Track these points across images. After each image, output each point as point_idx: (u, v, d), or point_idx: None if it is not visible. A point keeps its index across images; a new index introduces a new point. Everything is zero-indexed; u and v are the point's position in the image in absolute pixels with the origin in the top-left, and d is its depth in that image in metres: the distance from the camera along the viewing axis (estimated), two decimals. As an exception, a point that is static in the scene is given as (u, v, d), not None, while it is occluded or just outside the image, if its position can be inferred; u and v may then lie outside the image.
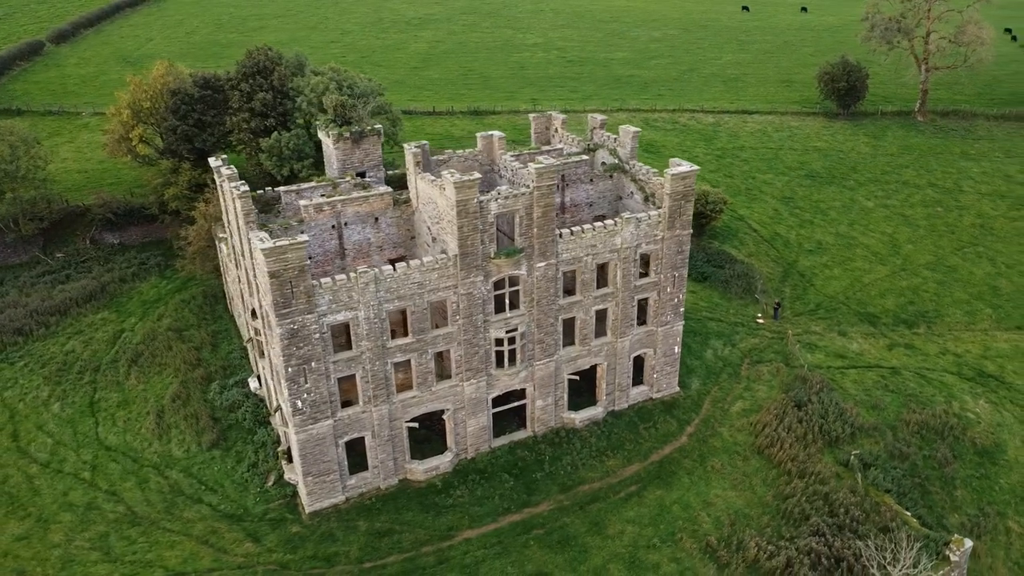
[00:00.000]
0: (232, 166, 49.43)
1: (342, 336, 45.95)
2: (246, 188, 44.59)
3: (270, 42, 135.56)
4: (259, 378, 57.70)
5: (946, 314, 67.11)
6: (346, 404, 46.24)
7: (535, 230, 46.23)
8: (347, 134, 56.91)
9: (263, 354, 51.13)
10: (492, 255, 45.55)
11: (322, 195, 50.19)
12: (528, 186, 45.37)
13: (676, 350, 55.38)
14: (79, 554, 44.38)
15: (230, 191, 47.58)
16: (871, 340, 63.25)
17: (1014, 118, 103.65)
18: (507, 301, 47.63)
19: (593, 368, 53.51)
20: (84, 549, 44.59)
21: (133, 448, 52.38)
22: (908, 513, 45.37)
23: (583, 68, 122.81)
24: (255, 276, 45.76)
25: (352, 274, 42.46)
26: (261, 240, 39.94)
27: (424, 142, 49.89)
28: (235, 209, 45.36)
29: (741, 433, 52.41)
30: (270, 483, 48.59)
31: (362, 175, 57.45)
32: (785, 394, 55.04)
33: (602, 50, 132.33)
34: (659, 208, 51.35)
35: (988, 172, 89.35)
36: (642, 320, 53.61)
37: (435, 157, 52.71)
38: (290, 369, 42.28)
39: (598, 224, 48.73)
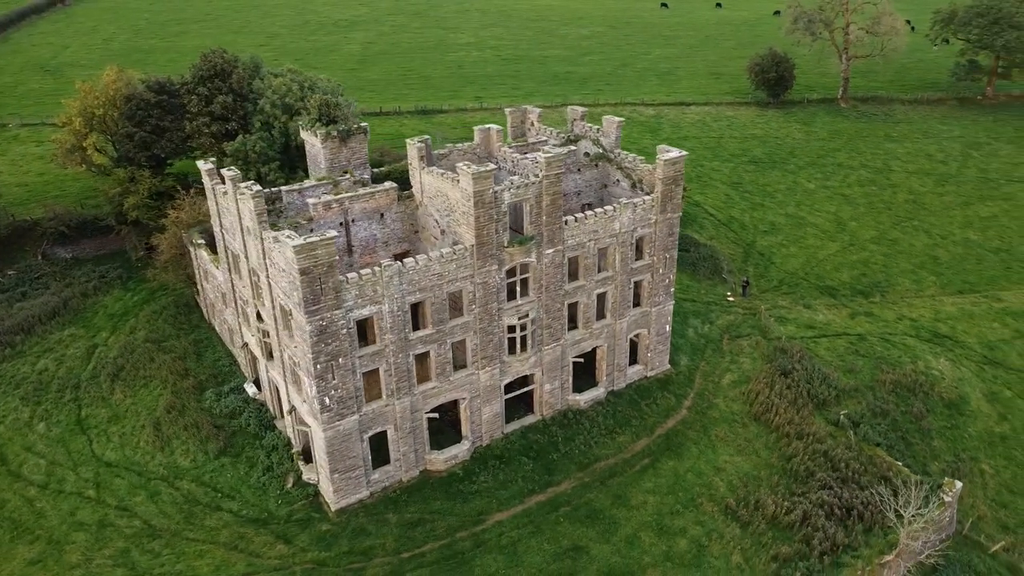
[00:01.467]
0: (234, 168, 48.88)
1: (363, 331, 46.19)
2: (258, 188, 44.29)
3: (196, 47, 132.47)
4: (256, 383, 57.02)
5: (896, 283, 72.32)
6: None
7: (544, 218, 47.68)
8: (334, 133, 56.93)
9: (271, 356, 50.67)
10: (506, 244, 46.76)
11: (323, 193, 50.15)
12: (537, 175, 46.77)
13: (667, 329, 57.92)
14: (102, 572, 43.08)
15: (233, 192, 47.09)
16: (834, 311, 67.59)
17: (926, 102, 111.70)
18: (518, 289, 48.94)
19: (593, 351, 55.37)
20: (107, 567, 43.30)
21: (136, 462, 50.96)
22: (899, 463, 49.16)
23: (520, 66, 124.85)
24: (268, 276, 45.43)
25: (377, 268, 42.87)
26: (290, 238, 39.88)
27: (427, 137, 50.51)
28: (247, 210, 44.87)
29: (736, 403, 55.35)
30: (289, 485, 48.26)
31: (347, 174, 57.55)
32: (769, 364, 58.37)
33: (536, 48, 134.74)
34: (648, 193, 53.65)
35: (912, 152, 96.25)
36: (636, 302, 55.85)
37: (437, 151, 53.34)
38: (319, 366, 42.31)
39: (599, 210, 50.57)
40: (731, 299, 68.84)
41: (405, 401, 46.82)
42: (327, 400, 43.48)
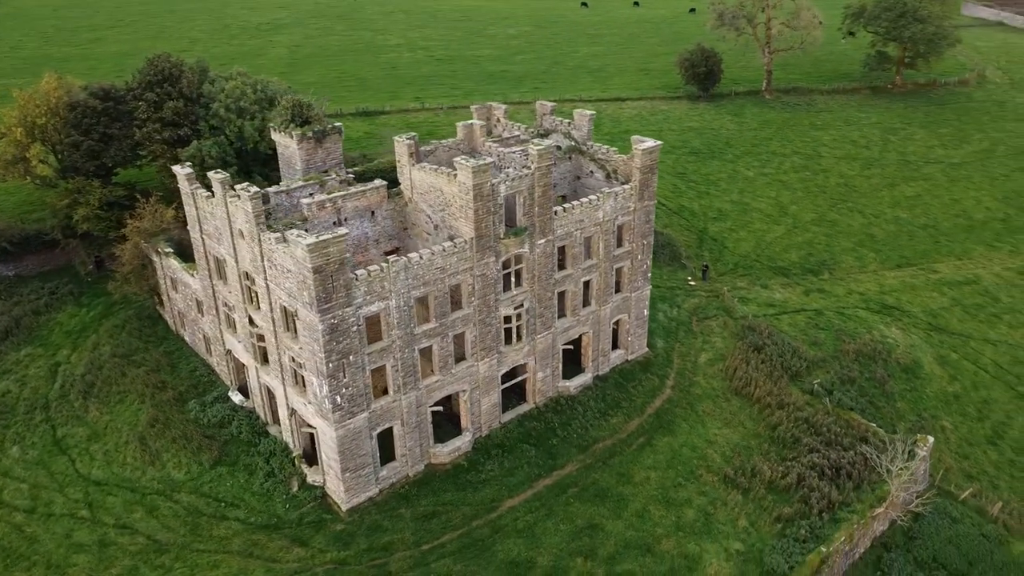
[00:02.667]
0: (221, 171, 48.00)
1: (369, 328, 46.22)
2: (256, 190, 43.79)
3: (113, 53, 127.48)
4: (241, 391, 55.96)
5: (840, 261, 76.90)
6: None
7: (536, 209, 48.89)
8: (310, 133, 56.61)
9: (265, 361, 49.98)
10: (502, 236, 47.71)
11: (310, 193, 49.85)
12: (529, 167, 47.93)
13: (645, 313, 60.07)
14: (112, 591, 41.75)
15: (223, 195, 46.33)
16: (789, 289, 71.41)
17: (842, 92, 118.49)
18: (513, 280, 49.97)
19: (579, 338, 56.88)
20: (117, 585, 41.98)
21: (126, 479, 49.40)
22: (874, 425, 52.72)
23: (454, 66, 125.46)
24: (266, 279, 44.92)
25: (384, 264, 43.11)
26: (300, 236, 39.70)
27: (414, 134, 50.85)
28: (243, 213, 44.23)
29: (715, 379, 57.97)
30: (295, 488, 47.79)
31: (324, 174, 57.26)
32: (741, 341, 61.32)
33: (466, 48, 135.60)
34: (623, 183, 55.60)
35: (837, 139, 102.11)
36: (618, 288, 57.72)
37: (423, 148, 53.68)
38: (330, 365, 42.23)
39: (584, 200, 52.15)
40: (692, 283, 71.72)
41: (411, 396, 47.17)
42: (338, 399, 43.41)
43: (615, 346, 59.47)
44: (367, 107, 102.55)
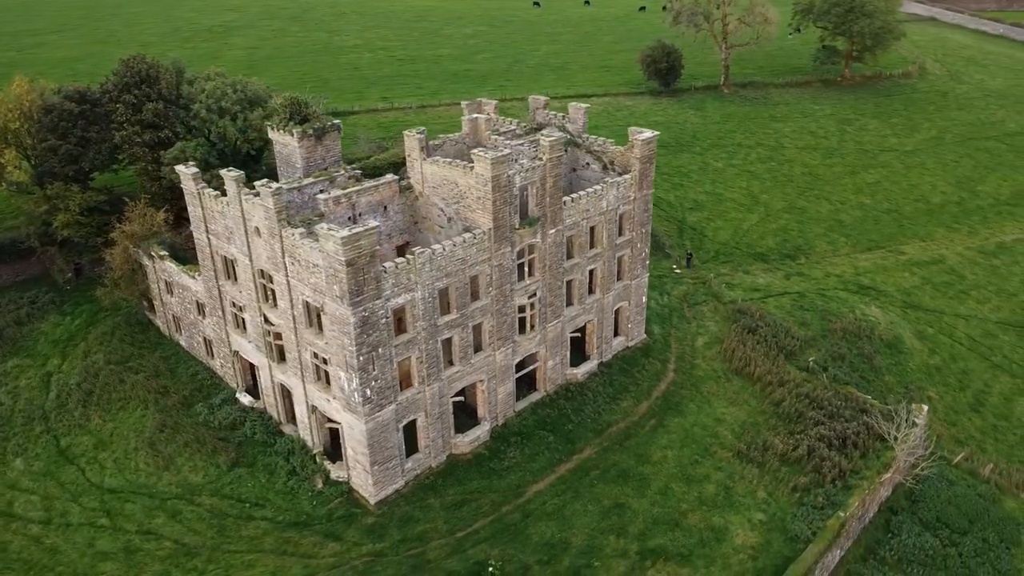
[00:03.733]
0: (233, 168, 47.55)
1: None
2: (277, 186, 43.62)
3: (61, 58, 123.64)
4: (249, 391, 55.38)
5: (814, 246, 80.00)
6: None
7: (548, 199, 49.87)
8: (310, 131, 56.49)
9: (282, 359, 49.70)
10: (517, 226, 48.54)
11: (321, 190, 49.78)
12: (541, 158, 48.89)
13: (643, 300, 61.64)
14: (147, 597, 41.11)
15: (238, 194, 46.00)
16: (770, 274, 74.01)
17: (795, 85, 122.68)
18: (526, 269, 50.85)
19: (584, 325, 58.03)
20: (151, 590, 41.34)
21: (142, 485, 48.59)
22: (869, 397, 55.32)
23: (416, 66, 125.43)
24: (287, 275, 44.75)
25: (410, 256, 43.49)
26: (333, 230, 39.79)
27: (423, 128, 51.21)
28: (263, 210, 43.99)
29: (715, 361, 59.88)
30: (319, 485, 47.68)
31: (332, 171, 57.19)
32: (734, 324, 63.41)
33: (426, 48, 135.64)
34: (620, 174, 57.03)
35: (796, 131, 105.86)
36: (619, 276, 59.10)
37: (432, 142, 53.99)
38: (361, 358, 42.40)
39: (590, 190, 53.37)
40: (678, 271, 73.70)
41: (434, 387, 47.60)
42: (368, 392, 43.59)
43: (616, 333, 60.85)
44: (336, 107, 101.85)
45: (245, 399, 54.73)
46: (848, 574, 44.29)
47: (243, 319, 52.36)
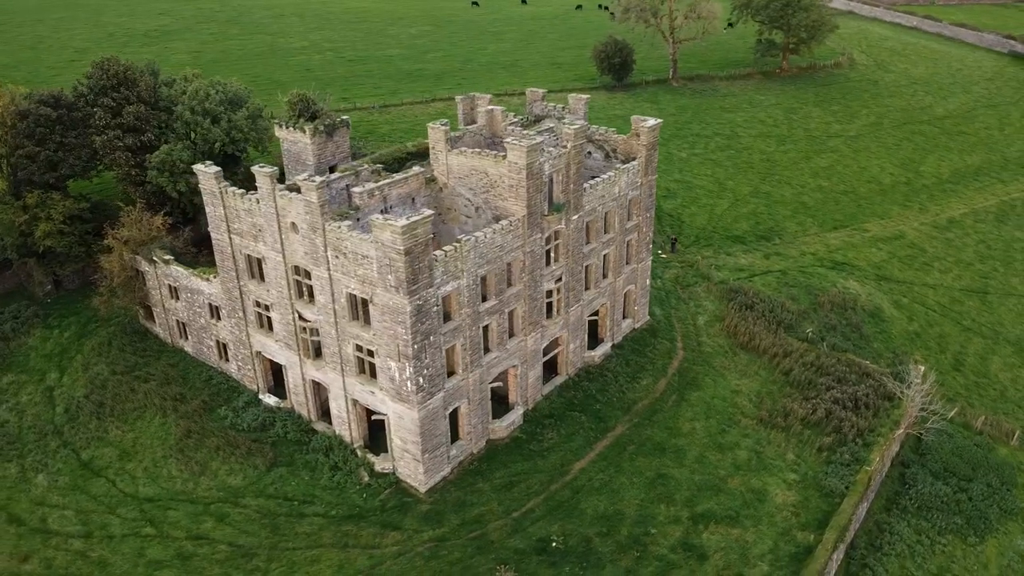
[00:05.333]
0: (264, 164, 47.02)
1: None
2: (321, 179, 43.59)
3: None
4: (272, 392, 54.74)
5: (785, 228, 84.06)
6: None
7: (571, 186, 51.34)
8: (322, 127, 56.42)
9: (318, 355, 49.49)
10: (546, 212, 49.81)
11: (347, 185, 49.78)
12: (565, 146, 50.29)
13: (648, 283, 63.84)
14: (215, 600, 40.51)
15: (271, 190, 45.64)
16: (751, 255, 77.48)
17: (738, 77, 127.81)
18: (552, 255, 52.16)
19: (597, 309, 59.77)
20: (217, 593, 40.74)
21: (180, 491, 47.68)
22: (867, 362, 59.01)
23: (369, 66, 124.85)
24: (329, 269, 44.74)
25: (457, 243, 44.19)
26: (389, 219, 40.15)
27: (446, 121, 51.82)
28: (304, 204, 43.84)
29: (719, 338, 62.57)
30: (366, 478, 47.75)
31: (332, 169, 57.24)
32: (730, 302, 66.30)
33: (374, 48, 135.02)
34: (624, 161, 59.04)
35: (748, 120, 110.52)
36: (627, 260, 61.06)
37: (453, 134, 54.55)
38: (415, 346, 42.87)
39: (604, 177, 55.12)
40: (664, 256, 76.30)
41: (476, 374, 48.37)
42: (421, 380, 44.05)
43: (624, 316, 62.79)
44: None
45: (270, 400, 54.10)
46: (877, 524, 47.35)
47: (269, 318, 51.80)
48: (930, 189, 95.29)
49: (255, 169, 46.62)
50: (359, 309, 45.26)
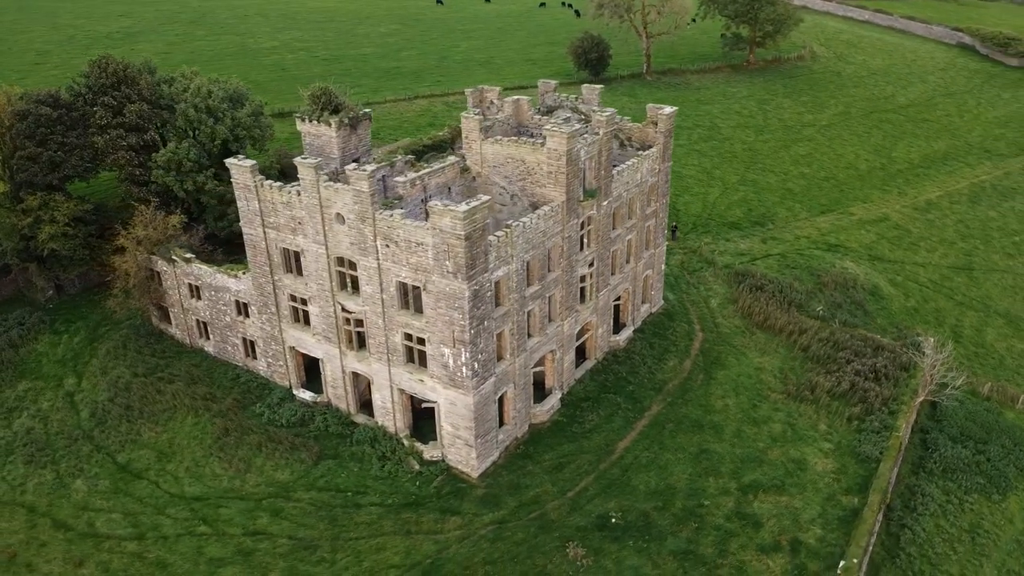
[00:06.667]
0: (308, 157, 46.80)
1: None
2: (373, 168, 43.69)
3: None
4: (305, 387, 54.40)
5: (776, 213, 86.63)
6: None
7: (602, 172, 52.36)
8: (346, 120, 56.28)
9: (361, 346, 49.44)
10: (581, 198, 50.75)
11: (383, 176, 49.80)
12: (598, 132, 51.29)
13: (663, 267, 65.29)
14: (286, 592, 40.28)
15: (316, 181, 45.52)
16: (748, 240, 79.70)
17: (707, 71, 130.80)
18: (584, 240, 53.11)
19: (620, 294, 60.96)
20: (286, 585, 40.52)
21: (228, 489, 47.22)
22: (878, 336, 61.49)
23: (344, 65, 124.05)
24: (378, 258, 44.82)
25: (507, 229, 44.76)
26: (449, 205, 40.53)
27: (479, 110, 52.21)
28: (353, 194, 43.85)
29: (734, 319, 64.38)
30: (417, 467, 47.95)
31: (356, 161, 57.16)
32: (739, 285, 68.21)
33: (347, 48, 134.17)
34: (639, 149, 60.36)
35: (724, 112, 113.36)
36: (646, 245, 62.37)
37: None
38: (472, 331, 43.32)
39: (628, 163, 56.26)
40: (666, 243, 77.91)
41: (521, 359, 49.00)
42: (476, 365, 44.50)
43: (642, 300, 64.11)
44: (281, 108, 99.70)
45: (305, 395, 53.78)
46: (908, 487, 49.52)
47: (305, 312, 51.51)
48: (905, 174, 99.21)
49: (297, 161, 46.43)
50: (410, 297, 45.46)
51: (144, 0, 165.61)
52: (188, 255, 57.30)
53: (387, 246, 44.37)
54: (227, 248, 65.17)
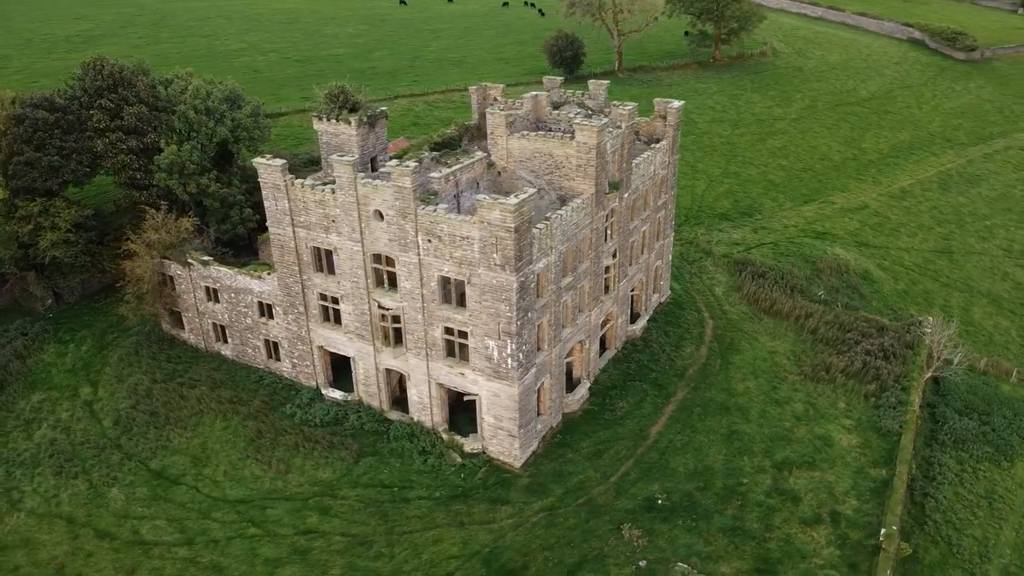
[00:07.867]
0: (346, 154, 46.74)
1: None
2: (416, 164, 44.01)
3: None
4: (334, 385, 54.26)
5: (763, 204, 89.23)
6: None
7: (624, 164, 53.56)
8: (365, 118, 56.39)
9: (398, 342, 49.62)
10: (607, 191, 51.84)
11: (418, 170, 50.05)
12: (620, 126, 52.45)
13: (670, 258, 66.87)
14: (349, 587, 40.35)
15: (352, 178, 45.60)
16: (740, 230, 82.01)
17: (676, 68, 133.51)
18: (608, 232, 54.21)
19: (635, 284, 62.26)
20: (348, 581, 40.60)
21: (271, 490, 47.02)
22: (879, 317, 64.14)
23: (317, 66, 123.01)
24: (420, 253, 45.15)
25: (546, 221, 45.55)
26: (497, 199, 41.15)
27: (503, 104, 52.81)
28: (394, 191, 44.08)
29: (740, 305, 66.33)
30: (459, 460, 48.38)
31: (373, 160, 57.37)
32: (741, 273, 70.26)
33: (318, 48, 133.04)
34: (648, 143, 61.79)
35: (699, 107, 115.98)
36: (656, 236, 63.80)
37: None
38: (518, 322, 44.00)
39: (644, 156, 57.57)
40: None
41: (556, 349, 49.84)
42: (520, 356, 45.19)
43: (652, 290, 65.59)
44: (266, 110, 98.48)
45: (336, 394, 53.68)
46: (925, 459, 51.95)
47: (336, 311, 51.42)
48: (876, 164, 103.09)
49: (333, 159, 46.46)
50: (452, 291, 45.90)
51: (100, 3, 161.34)
52: (205, 258, 56.58)
53: (429, 241, 44.74)
54: (233, 251, 64.57)
